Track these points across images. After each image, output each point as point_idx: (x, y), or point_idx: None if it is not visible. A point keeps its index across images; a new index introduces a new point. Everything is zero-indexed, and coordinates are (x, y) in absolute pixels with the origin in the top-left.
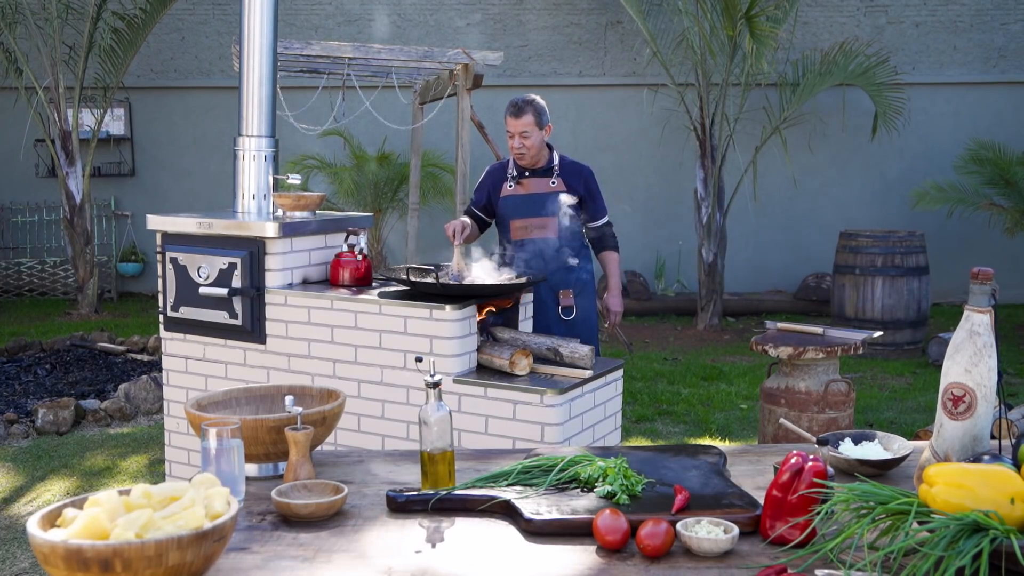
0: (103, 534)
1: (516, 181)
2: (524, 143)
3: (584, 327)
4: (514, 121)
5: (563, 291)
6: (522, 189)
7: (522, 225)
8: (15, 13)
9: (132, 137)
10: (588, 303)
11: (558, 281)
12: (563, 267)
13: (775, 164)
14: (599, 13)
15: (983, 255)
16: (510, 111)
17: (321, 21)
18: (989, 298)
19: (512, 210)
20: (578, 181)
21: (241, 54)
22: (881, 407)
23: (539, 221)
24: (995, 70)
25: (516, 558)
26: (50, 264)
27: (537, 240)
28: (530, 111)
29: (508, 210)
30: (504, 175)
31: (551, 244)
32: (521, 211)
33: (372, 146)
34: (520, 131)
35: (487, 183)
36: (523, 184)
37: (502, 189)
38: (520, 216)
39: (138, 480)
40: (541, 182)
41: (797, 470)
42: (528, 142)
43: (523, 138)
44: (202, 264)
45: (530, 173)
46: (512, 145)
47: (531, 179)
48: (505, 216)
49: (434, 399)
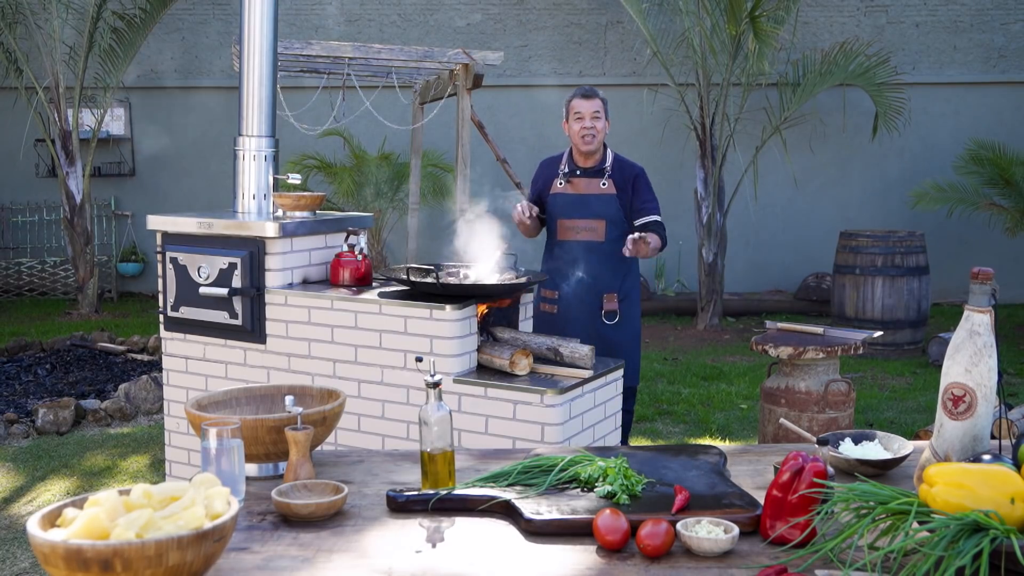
0: (103, 534)
1: (567, 179)
2: (595, 125)
3: (627, 333)
4: (585, 102)
5: (607, 295)
6: (572, 188)
7: (570, 226)
8: (15, 13)
9: (132, 137)
10: (632, 310)
11: (603, 285)
12: (609, 271)
13: (775, 164)
14: (599, 13)
15: (983, 255)
16: (579, 94)
17: (321, 21)
18: (989, 298)
19: (560, 209)
20: (627, 182)
21: (241, 54)
22: (881, 407)
23: (587, 223)
24: (995, 70)
25: (516, 558)
26: (50, 264)
27: (584, 242)
28: (599, 97)
29: (557, 208)
30: (556, 170)
31: (598, 247)
32: (569, 211)
33: (372, 146)
34: (592, 111)
35: (539, 177)
36: (573, 183)
37: (552, 185)
38: (568, 216)
39: (138, 480)
40: (592, 182)
41: (797, 470)
42: (599, 124)
43: (595, 118)
44: (202, 264)
45: (582, 172)
46: (583, 127)
47: (582, 179)
48: (553, 214)
49: (434, 399)
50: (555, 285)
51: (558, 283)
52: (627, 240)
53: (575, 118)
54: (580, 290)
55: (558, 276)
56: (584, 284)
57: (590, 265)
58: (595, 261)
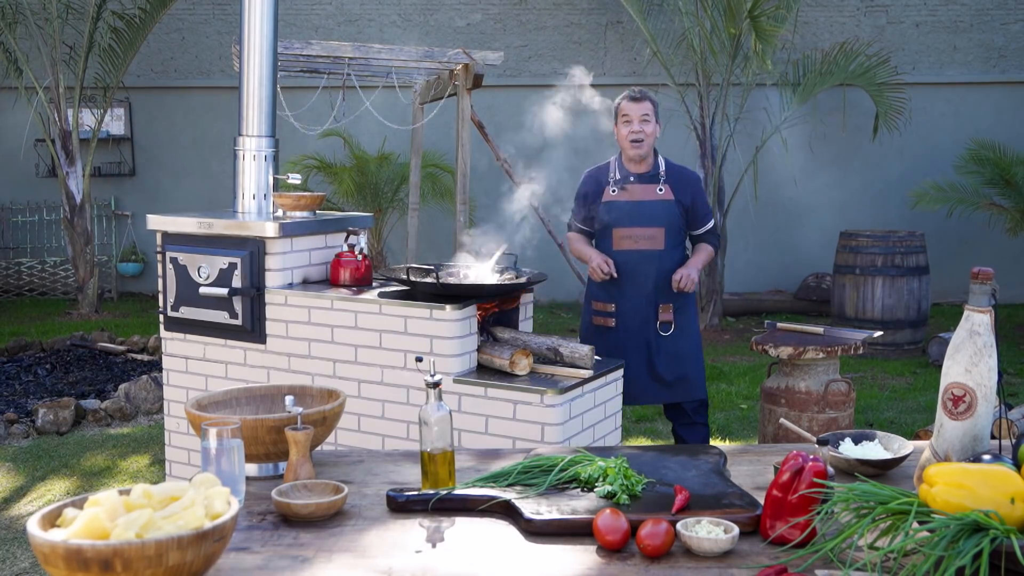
0: (103, 534)
1: (620, 187)
2: (644, 129)
3: (690, 343)
4: (634, 105)
5: (663, 305)
6: (627, 195)
7: (627, 235)
8: (15, 13)
9: (132, 137)
10: (690, 320)
11: (660, 295)
12: (667, 281)
13: (775, 164)
14: (599, 13)
15: (983, 255)
16: (628, 97)
17: (321, 21)
18: (989, 298)
19: (616, 217)
20: (685, 188)
21: (241, 54)
22: (881, 407)
23: (646, 232)
24: (995, 70)
25: (516, 558)
26: (50, 264)
27: (643, 252)
28: (649, 100)
29: (611, 217)
30: (605, 179)
31: (656, 256)
32: (626, 219)
33: (372, 146)
34: (641, 115)
35: (585, 190)
36: (628, 190)
37: (604, 193)
38: (625, 224)
39: (138, 480)
40: (648, 189)
41: (797, 470)
42: (648, 128)
43: (644, 121)
44: (202, 264)
45: (635, 179)
46: (631, 130)
47: (636, 185)
48: (608, 223)
49: (434, 399)
50: (610, 297)
51: (614, 295)
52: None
53: (623, 121)
54: (640, 302)
55: (614, 287)
56: (643, 295)
57: (649, 275)
58: (654, 271)
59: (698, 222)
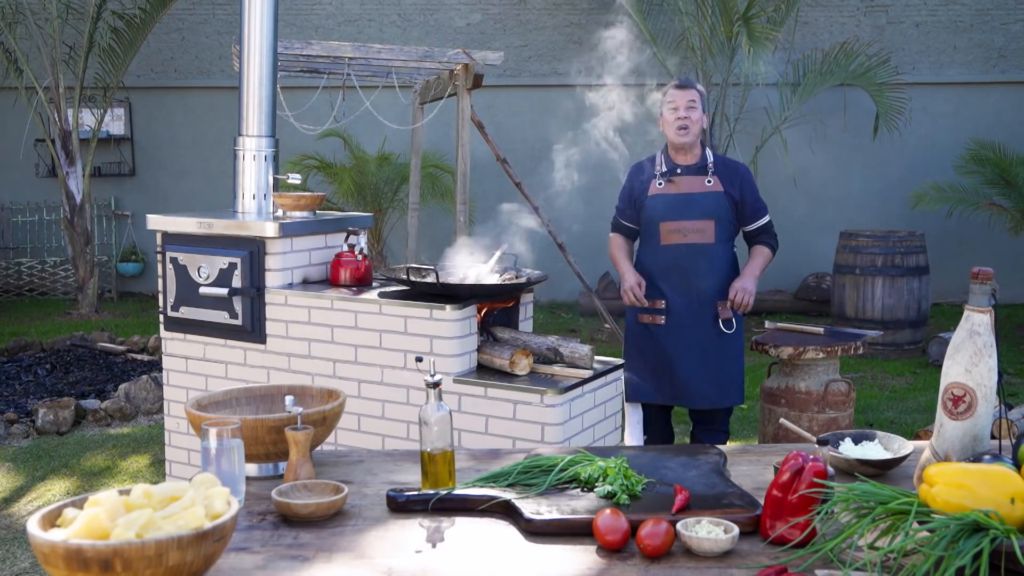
0: (103, 534)
1: (667, 179)
2: (691, 115)
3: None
4: (680, 92)
5: (721, 303)
6: (674, 188)
7: (675, 228)
8: (15, 13)
9: (132, 137)
10: (741, 320)
11: (715, 292)
12: (720, 276)
13: (775, 164)
14: (599, 13)
15: (983, 255)
16: (676, 84)
17: (321, 21)
18: (989, 298)
19: (663, 211)
20: (734, 180)
21: (241, 54)
22: (881, 407)
23: (695, 225)
24: (995, 70)
25: (516, 558)
26: (50, 264)
27: (692, 246)
28: (695, 88)
29: (658, 210)
30: (651, 171)
31: (708, 251)
32: (673, 212)
33: (372, 146)
34: (687, 101)
35: (630, 184)
36: (675, 182)
37: (650, 187)
38: (672, 218)
39: (138, 480)
40: (696, 180)
41: (797, 470)
42: (694, 115)
43: (690, 108)
44: (202, 264)
45: (683, 170)
46: (677, 116)
47: (684, 177)
48: (654, 217)
49: (434, 399)
50: (660, 293)
51: (664, 291)
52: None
53: (669, 108)
54: (692, 298)
55: (664, 283)
56: (696, 291)
57: (700, 270)
58: (705, 265)
59: (749, 216)
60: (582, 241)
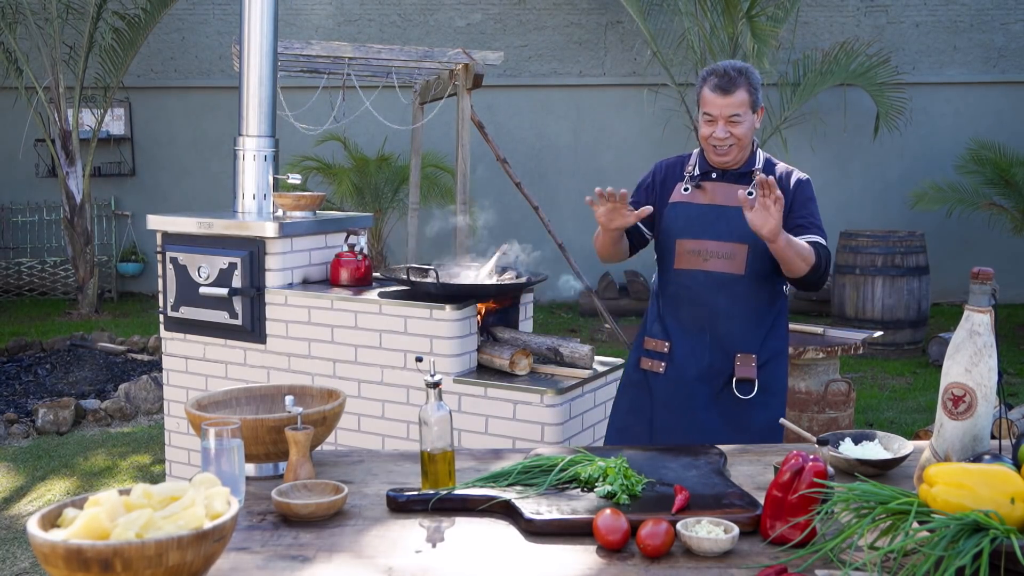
0: (103, 534)
1: (696, 184)
2: (733, 132)
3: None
4: (719, 99)
5: (742, 356)
6: (704, 197)
7: (695, 249)
8: (15, 13)
9: (132, 137)
10: (777, 381)
11: (737, 339)
12: (748, 319)
13: None
14: (599, 13)
15: (983, 255)
16: (714, 84)
17: (321, 21)
18: (989, 298)
19: (683, 224)
20: (785, 189)
21: (241, 54)
22: (881, 407)
23: (722, 247)
24: (995, 70)
25: (516, 558)
26: (50, 264)
27: (715, 275)
28: (744, 84)
29: (677, 223)
30: (680, 173)
31: (735, 285)
32: (696, 228)
33: (372, 146)
34: (729, 114)
35: (652, 181)
36: (705, 190)
37: (674, 191)
38: (693, 235)
39: (138, 480)
40: (734, 190)
41: (797, 470)
42: (739, 130)
43: (732, 124)
44: (202, 264)
45: (719, 176)
46: (713, 135)
47: (719, 184)
48: (671, 232)
49: (434, 399)
50: (664, 332)
51: (670, 330)
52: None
53: (705, 120)
54: (701, 344)
55: (671, 319)
56: (710, 335)
57: (719, 308)
58: (726, 303)
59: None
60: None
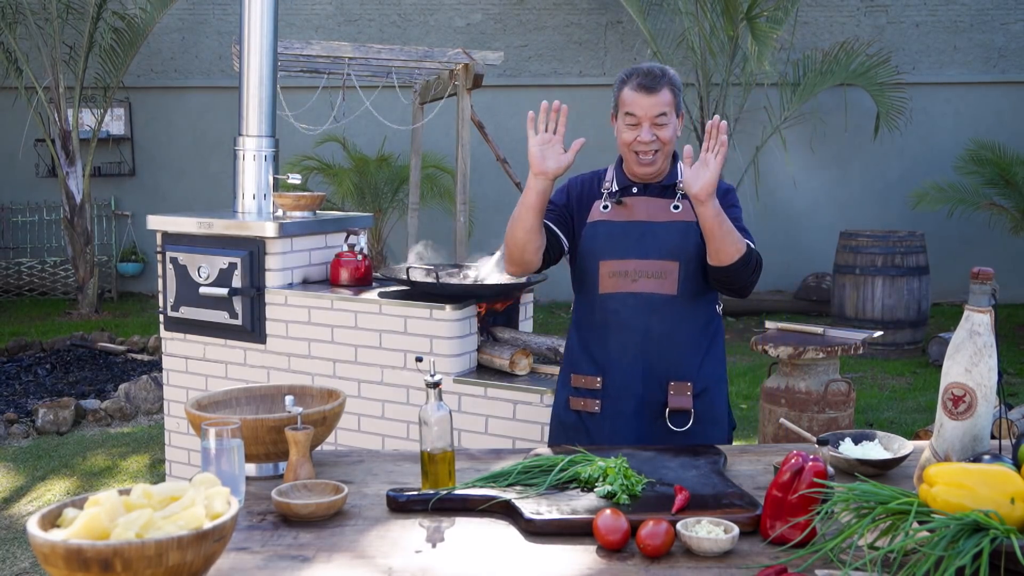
0: (103, 534)
1: (617, 200)
2: (660, 136)
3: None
4: (644, 99)
5: (675, 383)
6: (624, 213)
7: (620, 270)
8: (15, 13)
9: (132, 137)
10: (716, 409)
11: (670, 366)
12: (682, 343)
13: (775, 164)
14: (599, 13)
15: (983, 255)
16: (637, 83)
17: (321, 21)
18: (989, 298)
19: (604, 244)
20: None
21: (241, 54)
22: (881, 407)
23: (651, 267)
24: (995, 70)
25: (516, 558)
26: (50, 264)
27: (644, 297)
28: (667, 85)
29: (598, 243)
30: (597, 190)
31: (667, 306)
32: (619, 248)
33: (372, 147)
34: (656, 114)
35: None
36: (628, 206)
37: (592, 209)
38: (617, 255)
39: (138, 480)
40: (657, 205)
41: (797, 470)
42: (665, 134)
43: (658, 126)
44: (202, 264)
45: (640, 190)
46: (637, 139)
47: (640, 199)
48: (592, 253)
49: (434, 399)
50: (595, 367)
51: (601, 364)
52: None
53: (627, 123)
54: (635, 374)
55: (600, 351)
56: (644, 366)
57: (652, 333)
58: (659, 326)
59: None
60: None
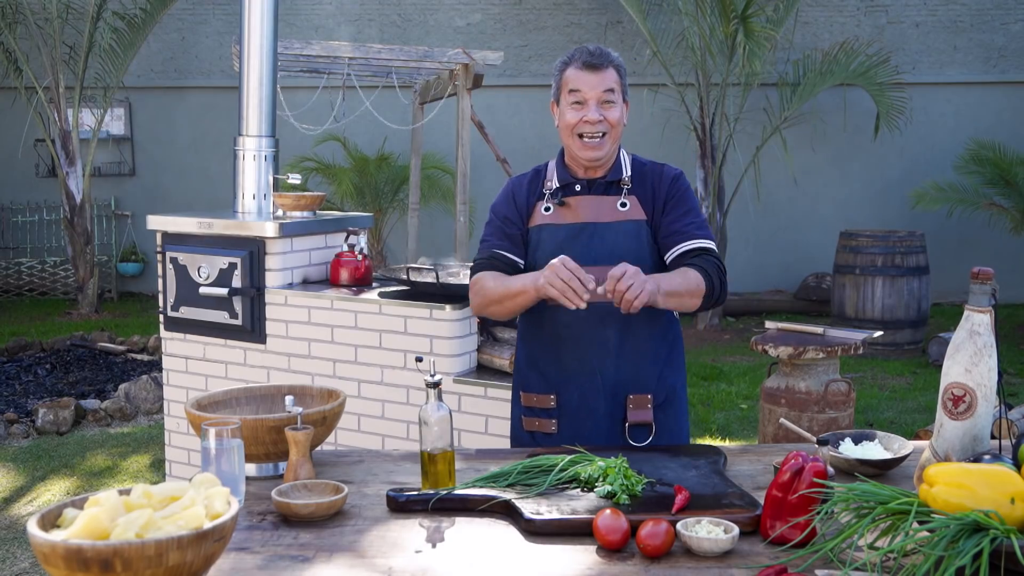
0: (103, 534)
1: (559, 201)
2: (607, 116)
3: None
4: (591, 76)
5: (634, 396)
6: (568, 214)
7: None
8: (15, 13)
9: (132, 137)
10: (677, 420)
11: (625, 379)
12: (639, 352)
13: (775, 164)
14: (599, 13)
15: (983, 255)
16: (582, 62)
17: (321, 21)
18: (989, 298)
19: (550, 250)
20: (658, 192)
21: (241, 54)
22: (881, 407)
23: (602, 271)
24: (995, 70)
25: (516, 558)
26: (50, 264)
27: (599, 305)
28: (613, 66)
29: (542, 249)
30: (538, 190)
31: (622, 315)
32: (566, 253)
33: (372, 146)
34: (603, 91)
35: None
36: (570, 206)
37: (534, 214)
38: None
39: (138, 480)
40: (602, 204)
41: (797, 470)
42: (613, 115)
43: (605, 106)
44: (202, 264)
45: (584, 187)
46: (583, 120)
47: (586, 197)
48: (537, 261)
49: (434, 399)
50: (547, 383)
51: (555, 382)
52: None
53: (571, 103)
54: (593, 389)
55: (553, 369)
56: (601, 381)
57: (608, 344)
58: (618, 336)
59: (675, 236)
60: None
